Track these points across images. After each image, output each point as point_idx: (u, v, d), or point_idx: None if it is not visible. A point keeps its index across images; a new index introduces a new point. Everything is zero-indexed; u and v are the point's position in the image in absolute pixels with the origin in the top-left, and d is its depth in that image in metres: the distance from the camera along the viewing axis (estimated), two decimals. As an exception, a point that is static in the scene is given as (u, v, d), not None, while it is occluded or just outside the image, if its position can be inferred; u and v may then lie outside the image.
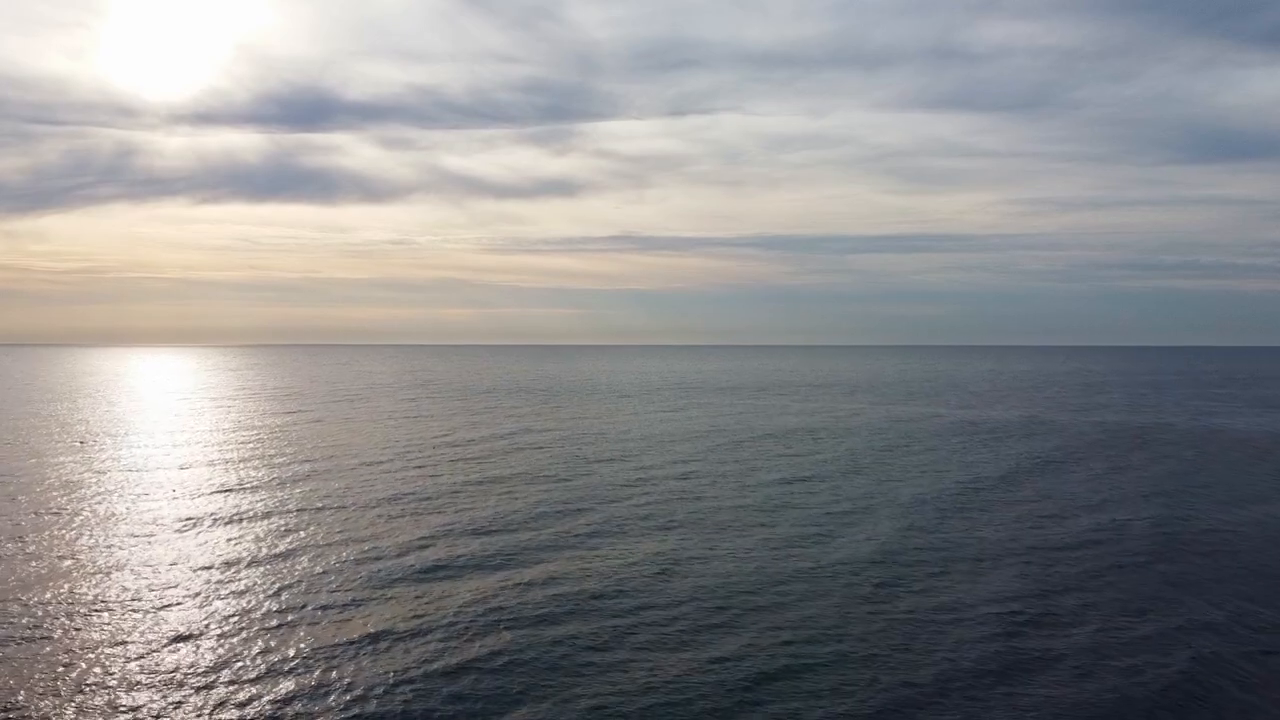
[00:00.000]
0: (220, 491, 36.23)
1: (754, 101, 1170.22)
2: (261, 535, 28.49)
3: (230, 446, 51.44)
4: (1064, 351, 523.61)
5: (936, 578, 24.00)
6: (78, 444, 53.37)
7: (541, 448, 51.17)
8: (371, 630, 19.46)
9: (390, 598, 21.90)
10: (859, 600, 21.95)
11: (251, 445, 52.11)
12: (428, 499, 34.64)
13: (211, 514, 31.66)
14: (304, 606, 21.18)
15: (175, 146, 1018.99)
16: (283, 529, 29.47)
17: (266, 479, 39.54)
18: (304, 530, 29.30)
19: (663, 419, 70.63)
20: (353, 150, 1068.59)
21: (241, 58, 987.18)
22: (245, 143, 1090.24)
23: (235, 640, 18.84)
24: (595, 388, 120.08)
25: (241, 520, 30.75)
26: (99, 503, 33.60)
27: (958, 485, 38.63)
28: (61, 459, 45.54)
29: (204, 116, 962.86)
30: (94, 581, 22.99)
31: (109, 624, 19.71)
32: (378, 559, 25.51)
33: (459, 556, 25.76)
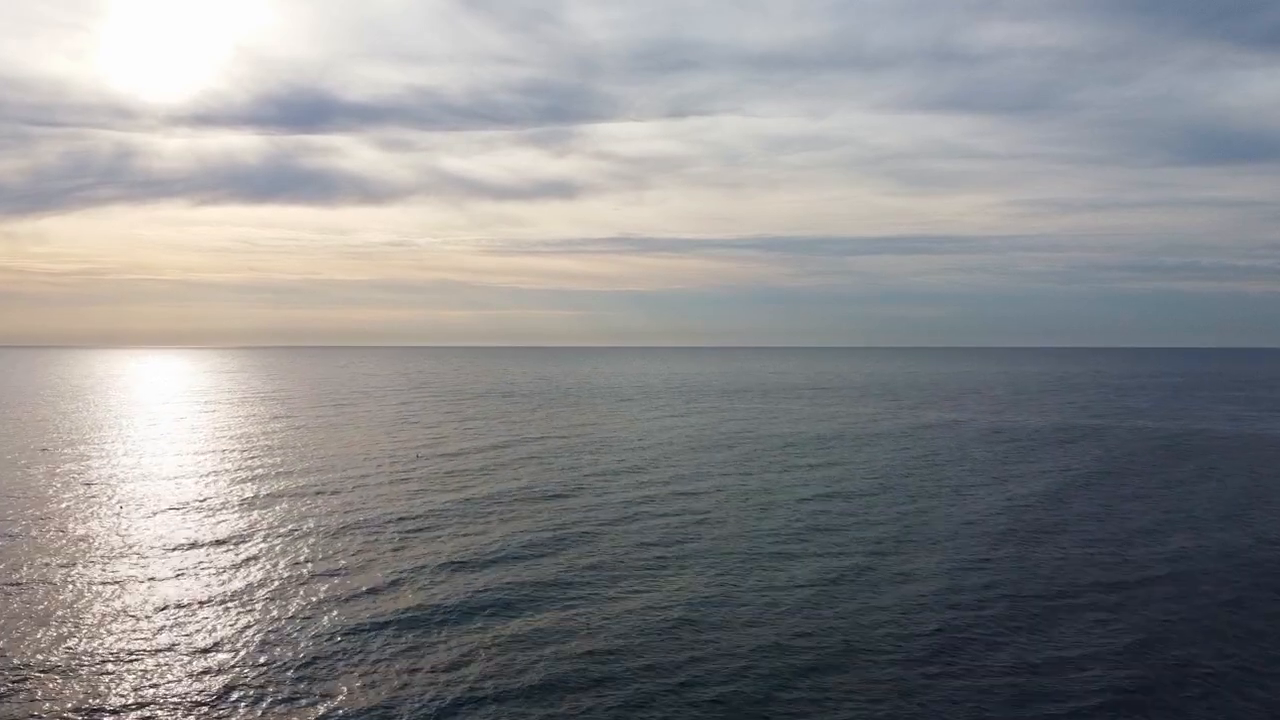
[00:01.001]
0: (170, 510, 32.01)
1: (754, 103, 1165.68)
2: (192, 567, 24.29)
3: (198, 458, 47.25)
4: (1064, 353, 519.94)
5: (1008, 627, 19.79)
6: (40, 451, 49.40)
7: (534, 460, 46.98)
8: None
9: (339, 670, 17.71)
10: (917, 662, 17.75)
11: (220, 457, 47.92)
12: (401, 524, 30.45)
13: (150, 540, 27.46)
14: (234, 682, 16.98)
15: (174, 148, 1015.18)
16: (223, 564, 25.25)
17: (223, 498, 35.34)
18: (251, 566, 25.09)
19: (666, 426, 66.45)
20: (352, 152, 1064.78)
21: (240, 59, 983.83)
22: (244, 144, 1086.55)
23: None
24: (594, 391, 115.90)
25: (177, 548, 26.55)
26: (35, 517, 29.37)
27: (1005, 505, 34.38)
28: (17, 470, 41.34)
29: (203, 118, 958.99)
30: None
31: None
32: (334, 603, 21.33)
33: (429, 604, 21.56)
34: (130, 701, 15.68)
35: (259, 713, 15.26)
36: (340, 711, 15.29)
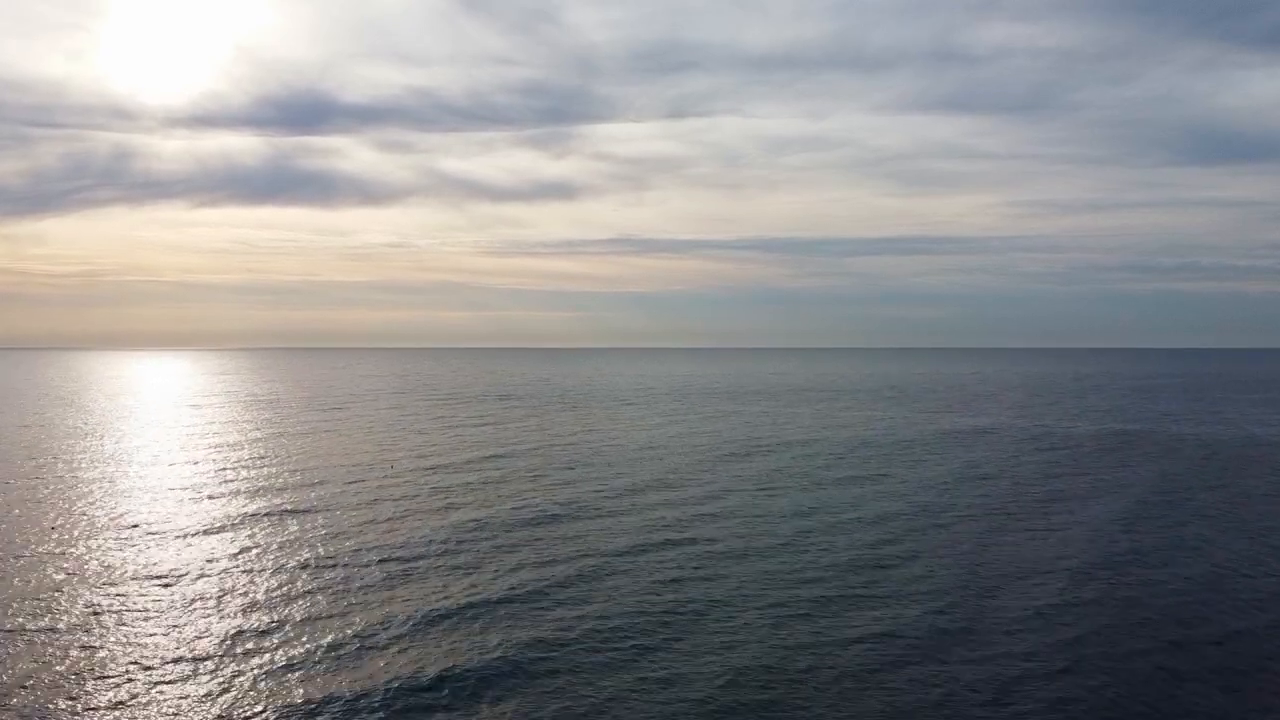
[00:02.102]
0: (111, 529, 27.06)
1: (753, 104, 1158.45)
2: (121, 606, 19.35)
3: (160, 469, 42.26)
4: (1064, 354, 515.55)
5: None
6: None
7: (528, 475, 42.03)
8: None
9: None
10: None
11: (185, 468, 42.91)
12: (370, 554, 25.50)
13: (82, 563, 22.50)
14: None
15: (173, 149, 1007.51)
16: (155, 603, 20.30)
17: (173, 519, 30.33)
18: (189, 608, 20.13)
19: (672, 433, 61.52)
20: (351, 153, 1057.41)
21: (239, 60, 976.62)
22: (243, 146, 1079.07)
23: None
24: (594, 394, 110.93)
25: (114, 583, 21.58)
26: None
27: (1086, 527, 29.44)
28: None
29: (201, 119, 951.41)
30: None
31: None
32: (281, 671, 16.40)
33: (393, 675, 16.64)
34: None
35: None
36: None
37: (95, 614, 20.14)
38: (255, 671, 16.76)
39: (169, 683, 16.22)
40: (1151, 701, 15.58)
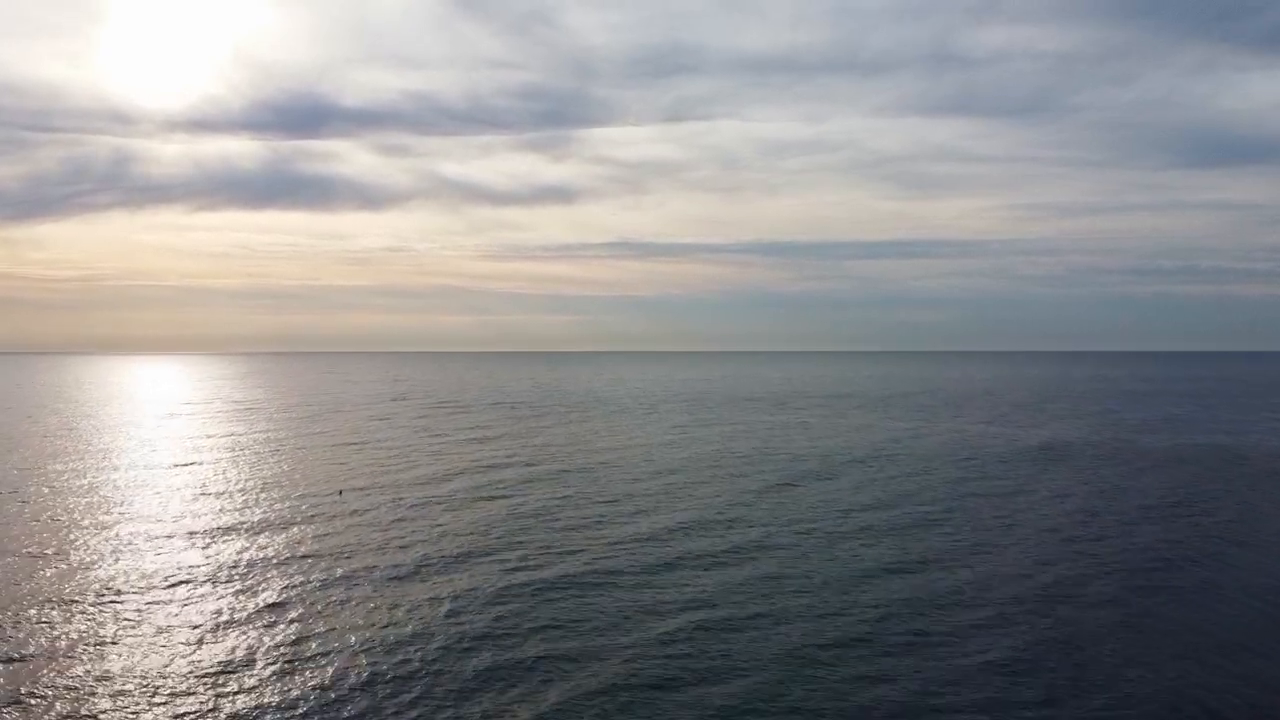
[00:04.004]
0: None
1: (752, 107, 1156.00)
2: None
3: (107, 482, 37.62)
4: (1065, 357, 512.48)
5: None
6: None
7: (517, 500, 37.48)
8: None
9: None
10: None
11: (135, 484, 38.27)
12: (318, 597, 20.96)
13: None
14: None
15: (172, 154, 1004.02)
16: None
17: (95, 546, 25.76)
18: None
19: (677, 443, 56.94)
20: (350, 157, 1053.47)
21: (237, 65, 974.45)
22: (242, 150, 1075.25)
23: None
24: (594, 400, 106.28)
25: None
26: None
27: (1163, 550, 24.88)
28: None
29: (200, 123, 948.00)
30: None
31: None
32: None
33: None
34: None
35: None
36: None
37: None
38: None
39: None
40: None
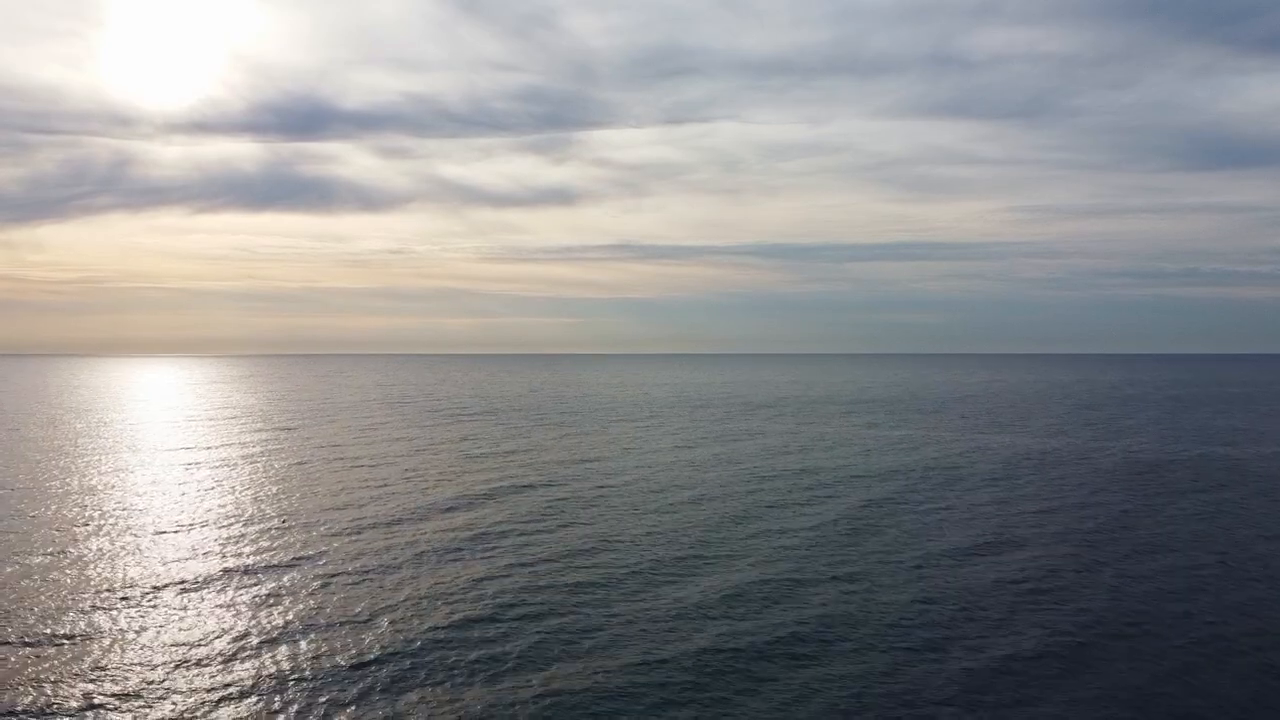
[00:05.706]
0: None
1: (752, 110, 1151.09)
2: None
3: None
4: (1066, 360, 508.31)
5: None
6: None
7: (508, 534, 32.16)
8: None
9: None
10: None
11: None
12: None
13: None
14: None
15: (172, 156, 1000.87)
16: None
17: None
18: None
19: (689, 460, 51.64)
20: (350, 159, 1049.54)
21: (237, 67, 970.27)
22: (242, 152, 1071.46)
23: None
24: (594, 406, 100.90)
25: None
26: None
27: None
28: None
29: (200, 126, 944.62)
30: None
31: None
32: None
33: None
34: None
35: None
36: None
37: None
38: None
39: None
40: None
